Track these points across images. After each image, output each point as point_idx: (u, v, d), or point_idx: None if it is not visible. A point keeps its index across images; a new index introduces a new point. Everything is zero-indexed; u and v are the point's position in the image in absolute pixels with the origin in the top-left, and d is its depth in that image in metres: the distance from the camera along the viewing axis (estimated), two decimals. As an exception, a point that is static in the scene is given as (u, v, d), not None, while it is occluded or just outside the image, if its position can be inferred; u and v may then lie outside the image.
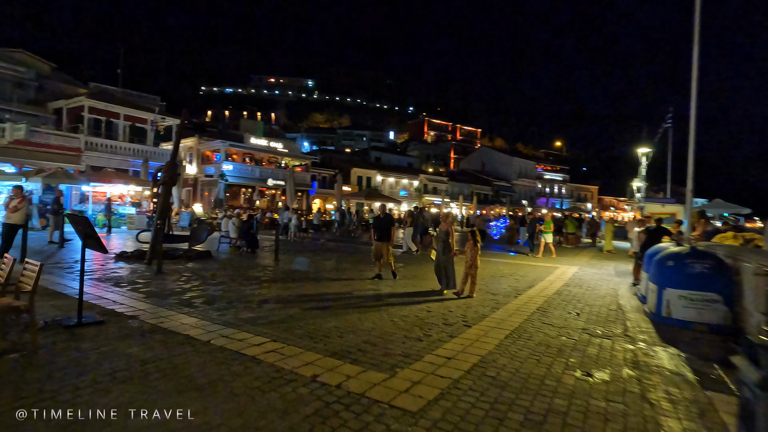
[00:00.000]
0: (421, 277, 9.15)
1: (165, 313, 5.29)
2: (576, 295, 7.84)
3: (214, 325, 4.83)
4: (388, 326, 5.18)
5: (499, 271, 10.78)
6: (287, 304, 6.16)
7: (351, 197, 39.07)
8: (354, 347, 4.31)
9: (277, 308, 5.86)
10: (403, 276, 9.12)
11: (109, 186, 22.02)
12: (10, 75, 27.24)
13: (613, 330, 5.52)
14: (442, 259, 7.53)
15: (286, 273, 9.17)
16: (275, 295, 6.76)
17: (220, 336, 4.44)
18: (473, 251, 7.35)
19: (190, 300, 6.08)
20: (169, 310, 5.41)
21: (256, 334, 4.55)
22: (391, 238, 8.50)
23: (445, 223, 7.91)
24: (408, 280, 8.78)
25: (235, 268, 9.48)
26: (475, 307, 6.48)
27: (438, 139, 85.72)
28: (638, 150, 12.05)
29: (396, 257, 10.94)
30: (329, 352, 4.11)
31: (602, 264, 13.49)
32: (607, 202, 74.36)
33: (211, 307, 5.71)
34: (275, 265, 10.38)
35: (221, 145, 30.39)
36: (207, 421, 2.70)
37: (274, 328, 4.83)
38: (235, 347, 4.10)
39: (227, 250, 12.76)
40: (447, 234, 7.66)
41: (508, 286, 8.51)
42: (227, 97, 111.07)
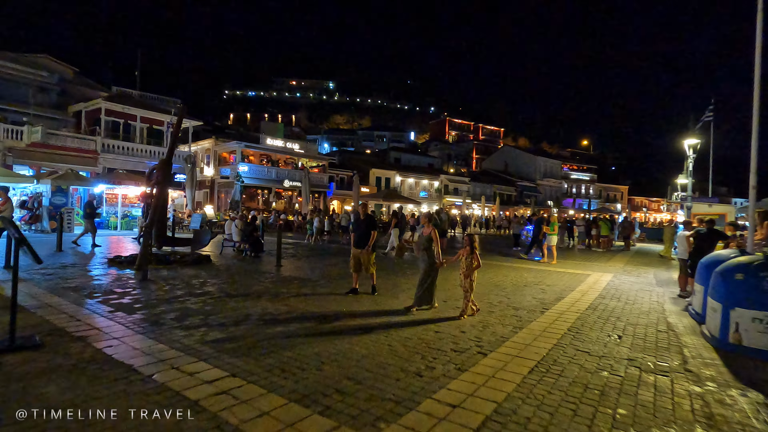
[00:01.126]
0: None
1: (120, 333, 4.48)
2: (614, 311, 6.68)
3: (171, 351, 3.98)
4: (383, 354, 4.22)
5: (521, 279, 9.65)
6: (270, 321, 5.28)
7: (369, 198, 38.23)
8: (332, 386, 3.37)
9: (256, 327, 4.98)
10: (403, 288, 8.13)
11: (122, 188, 21.86)
12: (33, 79, 27.65)
13: (668, 361, 4.39)
14: (423, 271, 6.25)
15: (284, 281, 8.32)
16: (260, 309, 5.89)
17: (170, 367, 3.58)
18: (469, 260, 6.02)
19: (159, 316, 5.27)
20: (127, 330, 4.61)
21: (216, 365, 3.67)
22: (369, 244, 6.97)
23: (426, 226, 6.48)
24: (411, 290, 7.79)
25: (229, 275, 8.70)
26: (493, 326, 5.44)
27: (460, 139, 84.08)
28: (684, 141, 10.64)
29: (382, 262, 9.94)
30: (298, 394, 3.18)
31: (639, 270, 12.13)
32: (638, 203, 71.12)
33: (180, 325, 4.89)
34: (276, 271, 9.56)
35: (237, 146, 30.09)
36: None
37: (242, 356, 3.95)
38: (180, 385, 3.22)
39: (231, 254, 12.08)
40: (429, 240, 6.29)
41: (533, 299, 7.40)
42: (250, 100, 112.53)
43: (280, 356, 4.01)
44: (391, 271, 10.05)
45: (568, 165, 67.89)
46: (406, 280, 8.86)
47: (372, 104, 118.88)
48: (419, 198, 44.73)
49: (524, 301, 7.19)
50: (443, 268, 6.62)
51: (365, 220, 7.08)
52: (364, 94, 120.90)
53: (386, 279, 8.72)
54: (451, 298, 7.21)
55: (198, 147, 33.86)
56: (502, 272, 10.50)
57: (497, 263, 12.41)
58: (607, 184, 68.69)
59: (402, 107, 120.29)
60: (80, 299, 5.96)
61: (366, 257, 7.00)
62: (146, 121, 27.93)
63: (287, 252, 13.21)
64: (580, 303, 7.15)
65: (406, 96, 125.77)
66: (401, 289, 7.80)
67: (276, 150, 32.60)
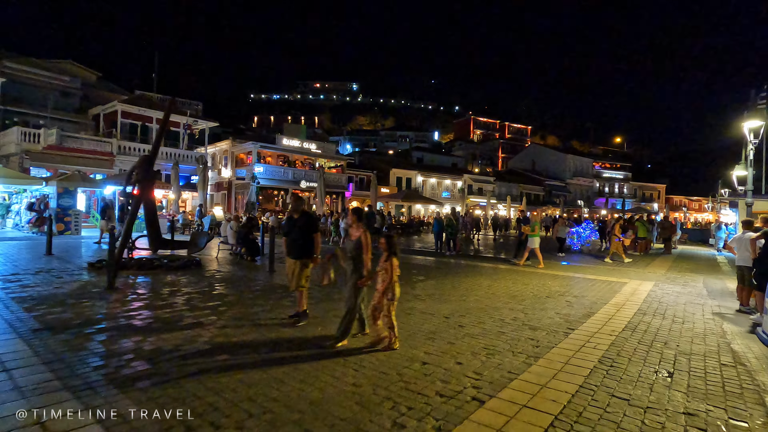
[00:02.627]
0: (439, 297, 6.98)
1: (13, 363, 3.58)
2: (659, 332, 5.34)
3: (58, 394, 3.03)
4: (342, 399, 3.14)
5: (544, 288, 8.34)
6: (221, 347, 4.28)
7: (388, 199, 37.19)
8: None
9: (199, 355, 4.00)
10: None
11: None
12: (56, 84, 28.13)
13: (745, 417, 3.11)
14: (347, 287, 4.52)
15: (267, 291, 7.36)
16: (220, 328, 4.92)
17: (30, 424, 2.62)
18: (385, 269, 4.41)
19: (87, 338, 4.36)
20: (32, 355, 3.71)
21: (102, 418, 2.69)
22: (315, 253, 5.13)
23: (355, 226, 4.59)
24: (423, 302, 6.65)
25: (209, 283, 7.81)
26: (500, 355, 4.27)
27: (485, 137, 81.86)
28: (744, 124, 9.05)
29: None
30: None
31: (684, 277, 10.53)
32: (676, 202, 67.06)
33: (106, 352, 3.96)
34: (265, 278, 8.63)
35: (253, 146, 29.65)
36: None
37: (150, 399, 2.96)
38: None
39: (227, 258, 11.27)
40: (358, 247, 4.44)
41: (557, 315, 6.12)
42: (275, 103, 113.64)
43: (201, 401, 2.99)
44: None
45: (600, 163, 64.70)
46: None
47: (395, 105, 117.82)
48: (441, 198, 43.31)
49: (545, 317, 5.93)
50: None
51: (300, 219, 5.17)
52: (387, 94, 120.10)
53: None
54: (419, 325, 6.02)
55: (216, 149, 33.73)
56: (523, 280, 9.21)
57: (517, 269, 11.09)
58: (642, 182, 65.07)
59: (426, 107, 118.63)
60: (18, 312, 5.16)
61: (298, 269, 5.06)
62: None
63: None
64: (614, 321, 5.83)
65: (430, 96, 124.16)
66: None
67: (293, 150, 32.02)
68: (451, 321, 5.59)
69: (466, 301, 6.87)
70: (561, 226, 15.57)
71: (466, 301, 6.82)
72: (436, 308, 6.28)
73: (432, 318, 5.71)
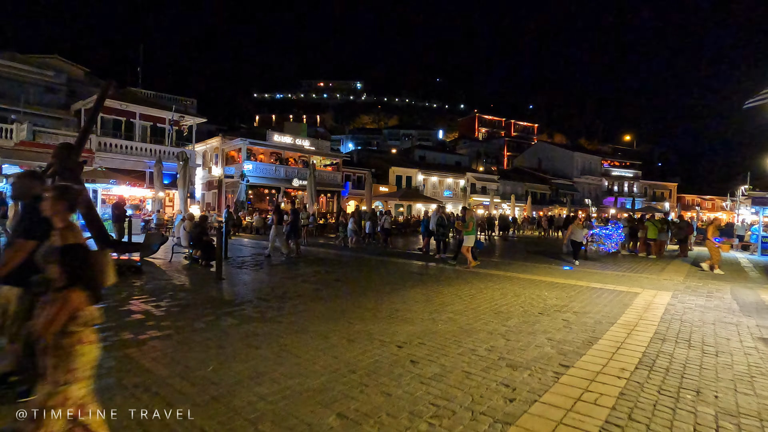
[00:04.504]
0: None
1: None
2: (688, 372, 3.88)
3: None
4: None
5: (540, 300, 6.88)
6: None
7: (386, 198, 35.78)
8: None
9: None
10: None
11: (118, 188, 20.55)
12: (38, 79, 27.15)
13: None
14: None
15: (189, 308, 6.01)
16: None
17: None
18: (55, 306, 2.05)
19: None
20: None
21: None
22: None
23: (59, 227, 2.20)
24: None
25: (127, 296, 6.47)
26: (454, 419, 2.85)
27: (490, 135, 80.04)
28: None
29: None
30: None
31: (707, 286, 8.99)
32: (688, 201, 64.78)
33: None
34: (206, 290, 7.29)
35: (242, 143, 28.40)
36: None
37: None
38: None
39: (181, 262, 9.94)
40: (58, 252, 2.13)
41: (548, 340, 4.69)
42: (278, 102, 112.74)
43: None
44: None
45: (609, 161, 62.74)
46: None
47: (400, 103, 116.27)
48: (443, 197, 41.82)
49: (532, 346, 4.50)
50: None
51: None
52: (391, 93, 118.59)
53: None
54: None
55: (207, 146, 32.61)
56: (514, 289, 7.76)
57: (510, 274, 9.63)
58: (653, 181, 62.97)
59: (431, 105, 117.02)
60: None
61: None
62: (148, 118, 26.73)
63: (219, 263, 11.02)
64: (625, 352, 4.38)
65: (435, 94, 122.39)
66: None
67: (284, 147, 30.74)
68: (403, 352, 4.18)
69: (435, 321, 5.45)
70: (577, 227, 12.49)
71: (436, 321, 5.41)
72: (393, 331, 4.88)
73: (380, 348, 4.30)
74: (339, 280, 8.39)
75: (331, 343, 4.39)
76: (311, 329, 4.89)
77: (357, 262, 11.37)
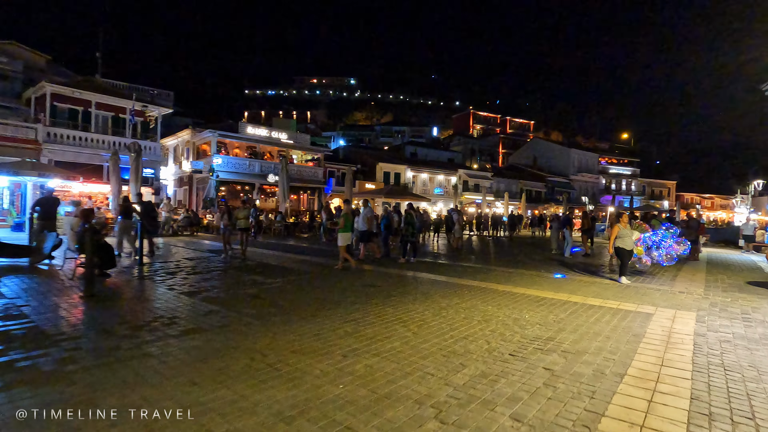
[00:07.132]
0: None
1: None
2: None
3: None
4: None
5: (516, 326, 4.87)
6: None
7: (372, 194, 33.70)
8: None
9: None
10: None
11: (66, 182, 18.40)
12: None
13: None
14: None
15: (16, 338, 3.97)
16: None
17: None
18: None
19: None
20: None
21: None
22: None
23: None
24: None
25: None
26: None
27: (485, 132, 78.10)
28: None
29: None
30: None
31: (738, 302, 6.99)
32: (687, 200, 63.03)
33: None
34: (46, 313, 5.26)
35: (211, 135, 26.28)
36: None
37: None
38: None
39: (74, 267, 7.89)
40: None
41: (512, 427, 2.67)
42: (270, 99, 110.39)
43: None
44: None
45: (607, 158, 60.97)
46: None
47: (394, 100, 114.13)
48: (433, 195, 39.86)
49: (494, 424, 2.49)
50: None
51: None
52: (386, 90, 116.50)
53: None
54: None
55: (178, 139, 30.47)
56: (485, 308, 5.75)
57: (487, 285, 7.62)
58: (651, 179, 61.20)
59: (425, 102, 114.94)
60: None
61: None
62: (108, 108, 24.55)
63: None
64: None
65: (430, 91, 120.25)
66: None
67: (259, 140, 28.62)
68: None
69: (341, 373, 3.43)
70: (624, 227, 8.71)
71: (341, 375, 3.39)
72: (254, 401, 2.85)
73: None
74: (257, 297, 6.37)
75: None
76: (105, 401, 2.87)
77: (303, 270, 9.35)
